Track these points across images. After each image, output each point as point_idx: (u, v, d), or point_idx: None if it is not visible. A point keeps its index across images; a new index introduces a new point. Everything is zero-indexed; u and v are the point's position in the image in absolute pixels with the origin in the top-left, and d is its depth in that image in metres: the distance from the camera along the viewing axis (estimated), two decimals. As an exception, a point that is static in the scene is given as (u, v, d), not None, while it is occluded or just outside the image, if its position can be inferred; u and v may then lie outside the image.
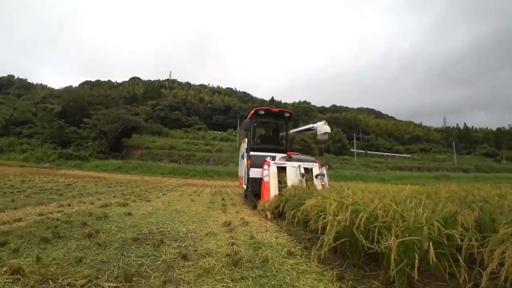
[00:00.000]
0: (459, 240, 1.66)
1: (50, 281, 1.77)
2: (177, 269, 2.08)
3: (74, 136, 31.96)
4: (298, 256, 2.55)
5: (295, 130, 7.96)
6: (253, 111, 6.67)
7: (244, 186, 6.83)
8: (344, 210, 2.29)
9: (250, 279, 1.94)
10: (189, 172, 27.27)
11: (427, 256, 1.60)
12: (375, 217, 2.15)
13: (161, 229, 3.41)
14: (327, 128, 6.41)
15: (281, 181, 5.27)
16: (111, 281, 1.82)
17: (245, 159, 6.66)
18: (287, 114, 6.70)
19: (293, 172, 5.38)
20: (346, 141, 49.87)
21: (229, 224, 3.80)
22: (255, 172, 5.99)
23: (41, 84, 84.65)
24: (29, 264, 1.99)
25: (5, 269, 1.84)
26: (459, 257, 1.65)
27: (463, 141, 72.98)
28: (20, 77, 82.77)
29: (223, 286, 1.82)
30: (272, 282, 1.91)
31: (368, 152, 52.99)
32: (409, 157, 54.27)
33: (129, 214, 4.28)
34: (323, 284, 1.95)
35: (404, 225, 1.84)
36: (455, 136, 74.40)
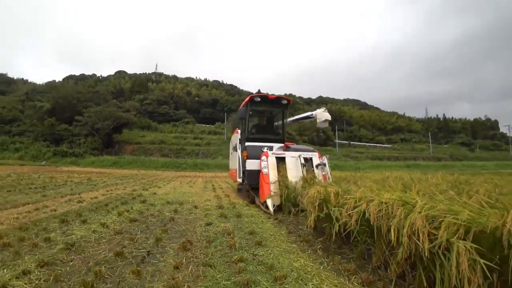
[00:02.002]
0: (310, 193, 4.35)
1: (142, 213, 4.30)
2: (193, 211, 4.70)
3: (66, 134, 33.13)
4: (251, 207, 5.21)
5: (292, 118, 7.53)
6: (248, 98, 6.30)
7: (239, 180, 6.47)
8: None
9: (225, 211, 4.58)
10: (181, 166, 29.48)
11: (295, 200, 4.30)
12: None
13: (178, 199, 5.97)
14: (327, 115, 6.16)
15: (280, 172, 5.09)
16: (169, 213, 4.37)
17: (239, 150, 6.39)
18: (285, 101, 6.40)
19: (293, 162, 5.21)
20: (330, 133, 52.53)
21: (217, 196, 6.44)
22: (251, 164, 5.74)
23: (23, 79, 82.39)
24: (130, 208, 4.49)
25: (122, 210, 4.36)
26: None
27: (442, 131, 76.37)
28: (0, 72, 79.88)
29: (214, 213, 4.44)
30: (235, 212, 4.56)
31: (351, 142, 55.22)
32: (390, 147, 56.80)
33: (154, 193, 6.83)
34: (263, 217, 4.60)
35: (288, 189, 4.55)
36: (435, 126, 77.54)
